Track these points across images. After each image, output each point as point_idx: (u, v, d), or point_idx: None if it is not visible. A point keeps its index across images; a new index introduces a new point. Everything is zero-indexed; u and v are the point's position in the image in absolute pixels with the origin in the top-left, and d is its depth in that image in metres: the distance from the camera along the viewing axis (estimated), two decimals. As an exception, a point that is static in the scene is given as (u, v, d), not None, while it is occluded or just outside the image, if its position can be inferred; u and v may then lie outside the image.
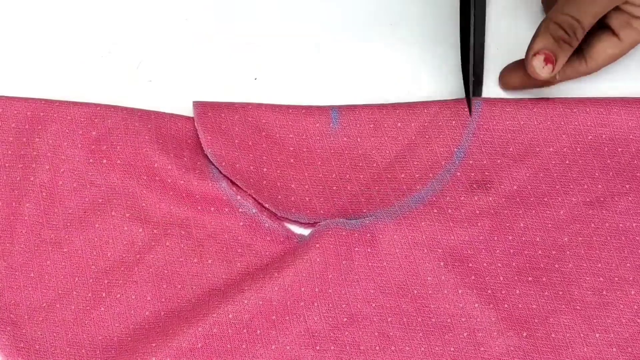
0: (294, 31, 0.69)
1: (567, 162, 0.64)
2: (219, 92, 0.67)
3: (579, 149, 0.64)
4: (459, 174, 0.63)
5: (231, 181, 0.64)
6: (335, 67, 0.68)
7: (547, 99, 0.65)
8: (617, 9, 0.61)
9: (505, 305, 0.61)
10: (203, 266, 0.62)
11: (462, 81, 0.65)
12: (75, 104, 0.66)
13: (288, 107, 0.66)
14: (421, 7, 0.70)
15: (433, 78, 0.68)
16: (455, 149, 0.64)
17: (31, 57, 0.69)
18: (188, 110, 0.66)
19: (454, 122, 0.64)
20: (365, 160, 0.65)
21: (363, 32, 0.69)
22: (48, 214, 0.63)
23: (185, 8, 0.70)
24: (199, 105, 0.66)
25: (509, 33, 0.68)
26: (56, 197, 0.64)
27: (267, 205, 0.64)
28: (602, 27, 0.63)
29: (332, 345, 0.60)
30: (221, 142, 0.65)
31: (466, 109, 0.64)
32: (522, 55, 0.63)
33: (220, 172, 0.64)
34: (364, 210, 0.63)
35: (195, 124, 0.65)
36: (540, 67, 0.61)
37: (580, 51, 0.63)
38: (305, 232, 0.63)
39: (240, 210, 0.64)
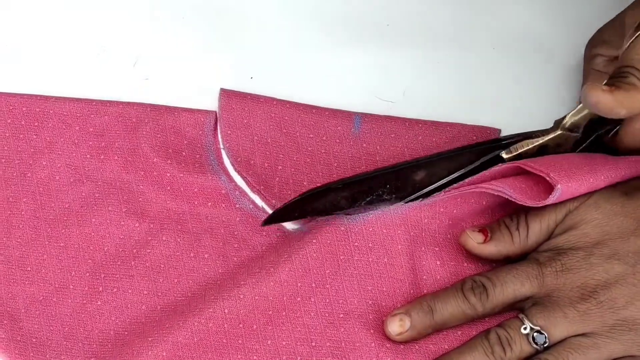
0: (290, 30, 0.70)
1: None
2: (215, 90, 0.67)
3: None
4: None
5: (231, 176, 0.65)
6: (330, 67, 0.69)
7: None
8: None
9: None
10: (199, 261, 0.62)
11: (459, 82, 0.65)
12: (71, 99, 0.66)
13: (312, 107, 0.66)
14: (418, 7, 0.70)
15: (430, 79, 0.68)
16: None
17: (26, 55, 0.69)
18: (184, 108, 0.67)
19: (475, 138, 0.65)
20: None
21: (359, 32, 0.70)
22: (45, 208, 0.63)
23: (182, 5, 0.70)
24: (225, 95, 0.66)
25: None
26: (53, 192, 0.64)
27: (274, 201, 0.64)
28: None
29: (327, 341, 0.60)
30: (240, 137, 0.65)
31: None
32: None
33: (224, 167, 0.65)
34: None
35: (218, 114, 0.66)
36: None
37: None
38: (303, 228, 0.63)
39: (237, 205, 0.64)
